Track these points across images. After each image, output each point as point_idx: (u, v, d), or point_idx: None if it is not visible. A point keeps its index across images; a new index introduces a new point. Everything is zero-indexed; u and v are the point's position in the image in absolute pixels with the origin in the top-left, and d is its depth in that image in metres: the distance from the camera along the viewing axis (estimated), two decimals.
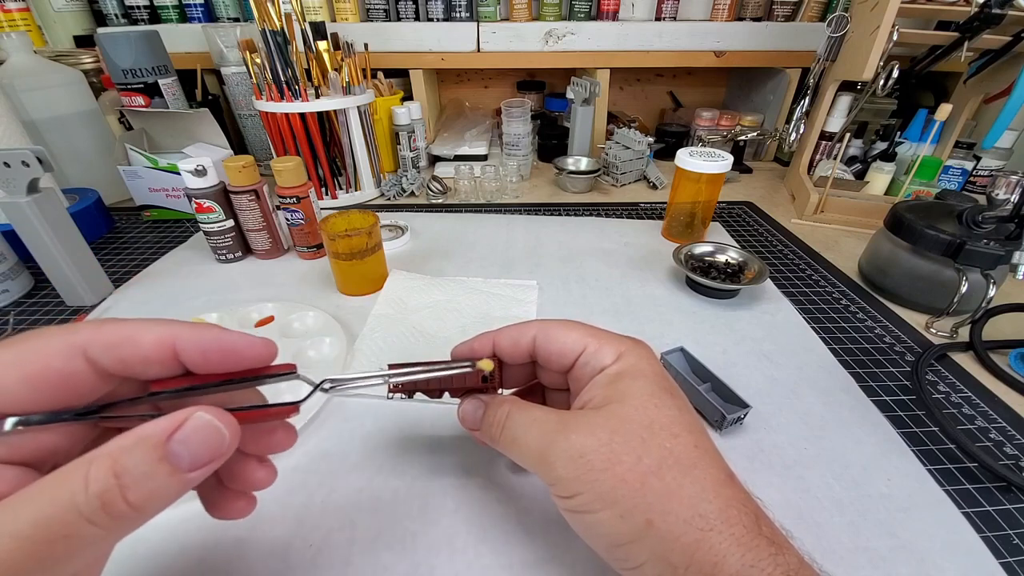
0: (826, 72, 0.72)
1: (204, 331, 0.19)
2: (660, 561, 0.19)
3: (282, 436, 0.23)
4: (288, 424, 0.23)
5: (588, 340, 0.25)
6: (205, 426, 0.17)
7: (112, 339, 0.17)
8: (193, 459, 0.16)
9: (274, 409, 0.21)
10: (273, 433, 0.22)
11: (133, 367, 0.18)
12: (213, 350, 0.19)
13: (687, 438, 0.21)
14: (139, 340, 0.18)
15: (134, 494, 0.15)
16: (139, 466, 0.15)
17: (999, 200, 0.45)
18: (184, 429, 0.16)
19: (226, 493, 0.21)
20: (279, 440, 0.22)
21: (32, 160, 0.42)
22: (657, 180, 0.82)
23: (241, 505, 0.22)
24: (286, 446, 0.23)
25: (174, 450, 0.16)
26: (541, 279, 0.54)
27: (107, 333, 0.17)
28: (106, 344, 0.17)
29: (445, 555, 0.27)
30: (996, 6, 0.57)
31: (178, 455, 0.16)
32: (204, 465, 0.16)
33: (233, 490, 0.21)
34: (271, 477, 0.22)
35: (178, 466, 0.16)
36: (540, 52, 0.87)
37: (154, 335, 0.18)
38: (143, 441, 0.16)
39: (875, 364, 0.43)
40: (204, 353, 0.19)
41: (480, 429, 0.26)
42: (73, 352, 0.17)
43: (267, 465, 0.22)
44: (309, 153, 0.68)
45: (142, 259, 0.59)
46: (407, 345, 0.43)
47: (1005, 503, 0.31)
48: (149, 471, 0.15)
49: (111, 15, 0.85)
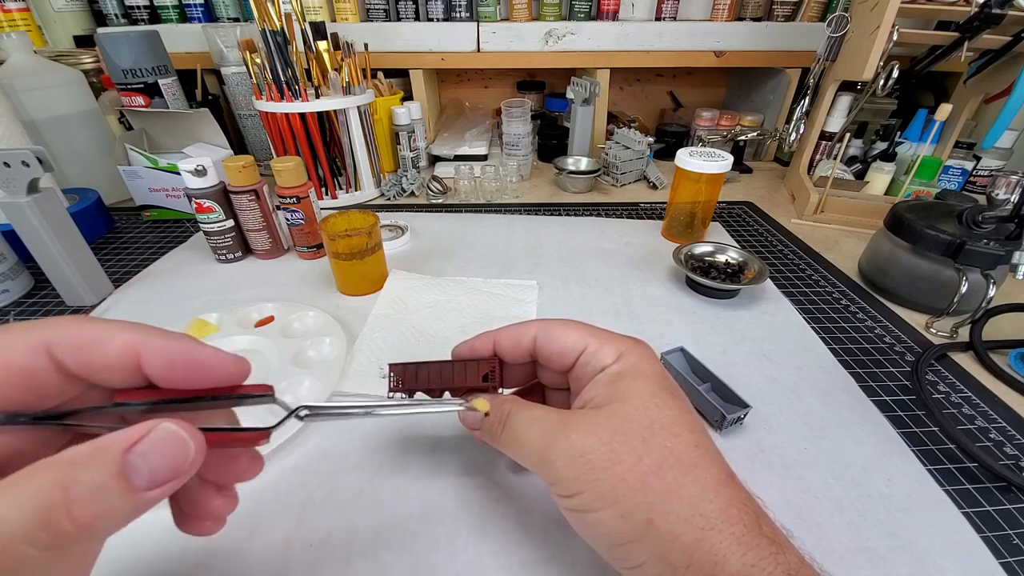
0: (826, 72, 0.72)
1: (174, 342, 0.17)
2: (660, 560, 0.19)
3: (246, 464, 0.21)
4: (254, 451, 0.21)
5: (589, 340, 0.25)
6: (169, 437, 0.15)
7: (79, 340, 0.16)
8: (152, 477, 0.15)
9: (243, 434, 0.19)
10: (236, 460, 0.21)
11: (97, 372, 0.17)
12: (179, 363, 0.17)
13: (688, 438, 0.21)
14: (106, 344, 0.17)
15: (81, 511, 0.13)
16: (94, 478, 0.14)
17: (999, 200, 0.45)
18: (145, 441, 0.15)
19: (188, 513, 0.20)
20: (242, 468, 0.21)
21: (32, 160, 0.42)
22: (657, 180, 0.82)
23: (208, 525, 0.20)
24: (249, 475, 0.21)
25: (133, 462, 0.14)
26: (541, 279, 0.54)
27: (74, 333, 0.16)
28: (72, 345, 0.16)
29: (445, 555, 0.27)
30: (996, 6, 0.57)
31: (137, 469, 0.14)
32: (163, 483, 0.15)
33: (189, 515, 0.20)
34: (230, 506, 0.21)
35: (135, 483, 0.14)
36: (540, 52, 0.87)
37: (120, 340, 0.17)
38: (100, 451, 0.14)
39: (875, 364, 0.43)
40: (169, 366, 0.17)
41: (481, 429, 0.26)
42: (37, 349, 0.16)
43: (227, 494, 0.21)
44: (309, 153, 0.68)
45: (142, 259, 0.59)
46: (407, 345, 0.43)
47: (1005, 503, 0.31)
48: (102, 485, 0.14)
49: (111, 15, 0.85)
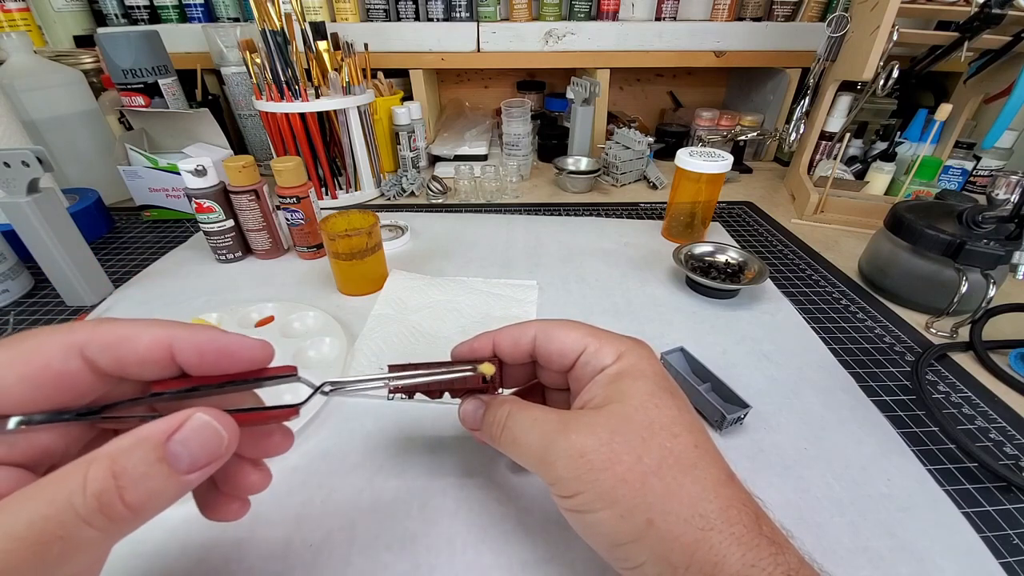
0: (826, 72, 0.72)
1: (200, 332, 0.19)
2: (660, 561, 0.19)
3: (279, 440, 0.22)
4: (285, 427, 0.23)
5: (588, 340, 0.25)
6: (204, 427, 0.17)
7: (109, 339, 0.17)
8: (192, 460, 0.16)
9: (273, 412, 0.21)
10: (270, 437, 0.22)
11: (129, 367, 0.18)
12: (209, 351, 0.19)
13: (687, 438, 0.21)
14: (135, 341, 0.18)
15: (132, 495, 0.15)
16: (138, 467, 0.15)
17: (999, 200, 0.45)
18: (183, 430, 0.16)
19: (220, 495, 0.21)
20: (275, 444, 0.22)
21: (32, 160, 0.42)
22: (657, 180, 0.82)
23: (235, 508, 0.22)
24: (282, 450, 0.22)
25: (173, 451, 0.16)
26: (541, 279, 0.54)
27: (104, 333, 0.18)
28: (103, 344, 0.17)
29: (445, 555, 0.27)
30: (996, 6, 0.57)
31: (177, 456, 0.16)
32: (203, 467, 0.16)
33: (227, 493, 0.21)
34: (265, 481, 0.22)
35: (176, 467, 0.16)
36: (540, 52, 0.87)
37: (150, 336, 0.18)
38: (142, 442, 0.15)
39: (875, 364, 0.43)
40: (200, 354, 0.19)
41: (481, 429, 0.26)
42: (71, 351, 0.17)
43: (262, 469, 0.22)
44: (309, 153, 0.68)
45: (142, 259, 0.59)
46: (407, 345, 0.43)
47: (1005, 503, 0.31)
48: (147, 472, 0.15)
49: (111, 15, 0.85)
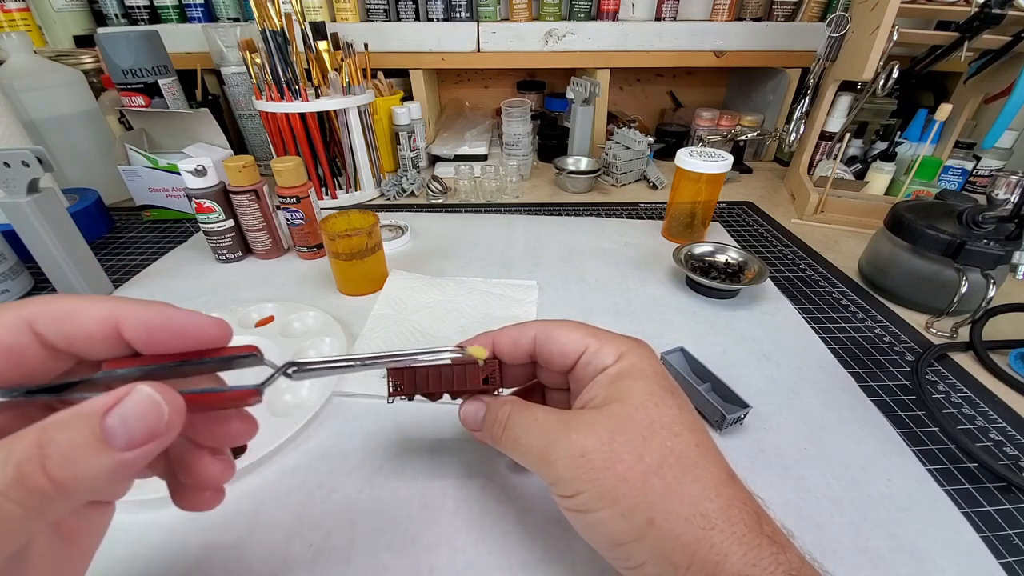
0: (826, 72, 0.72)
1: (149, 308, 0.18)
2: (661, 560, 0.19)
3: (239, 426, 0.21)
4: (246, 413, 0.21)
5: (589, 340, 0.25)
6: (143, 400, 0.15)
7: (58, 313, 0.17)
8: (130, 437, 0.15)
9: (230, 393, 0.19)
10: (228, 422, 0.21)
11: (78, 343, 0.17)
12: (156, 327, 0.18)
13: (688, 437, 0.21)
14: (83, 315, 0.17)
15: (57, 469, 0.14)
16: (67, 439, 0.14)
17: (999, 200, 0.45)
18: (122, 404, 0.15)
19: (185, 486, 0.20)
20: (235, 431, 0.21)
21: (32, 160, 0.42)
22: (657, 180, 0.82)
23: (207, 497, 0.21)
24: (244, 438, 0.21)
25: (108, 424, 0.15)
26: (541, 279, 0.54)
27: (53, 307, 0.17)
28: (52, 318, 0.17)
29: (445, 555, 0.27)
30: (996, 6, 0.57)
31: (112, 430, 0.15)
32: (141, 444, 0.15)
33: (189, 485, 0.20)
34: (227, 472, 0.21)
35: (112, 443, 0.15)
36: (540, 52, 0.87)
37: (97, 310, 0.17)
38: (77, 415, 0.15)
39: (875, 364, 0.43)
40: (147, 331, 0.18)
41: (481, 430, 0.26)
42: (20, 325, 0.17)
43: (223, 459, 0.21)
44: (309, 153, 0.68)
45: (142, 259, 0.59)
46: (407, 345, 0.43)
47: (1005, 503, 0.31)
48: (78, 445, 0.14)
49: (111, 15, 0.85)
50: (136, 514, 0.29)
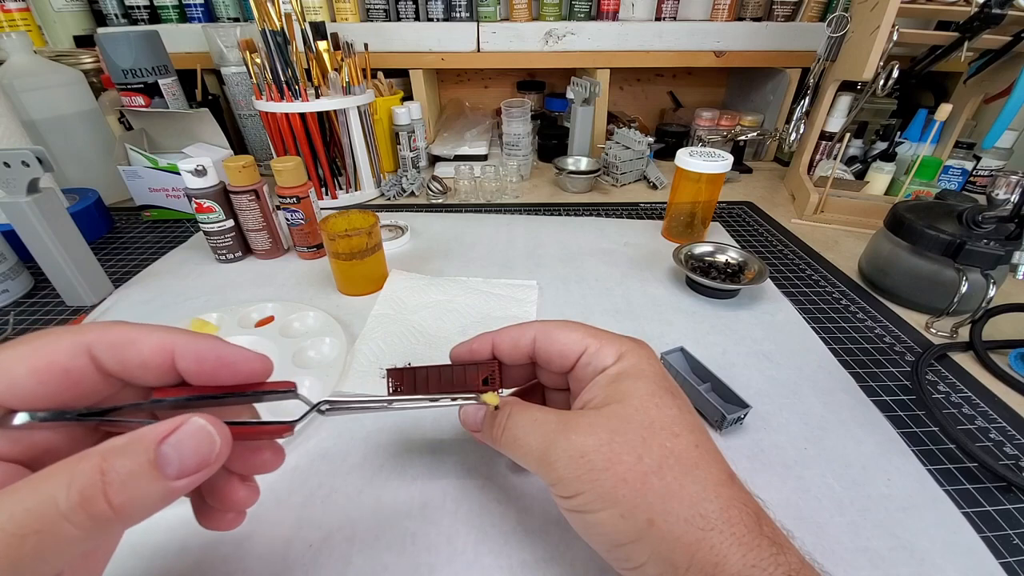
0: (826, 72, 0.72)
1: (202, 341, 0.19)
2: (661, 561, 0.19)
3: (269, 456, 0.22)
4: (276, 445, 0.23)
5: (589, 341, 0.25)
6: (198, 432, 0.16)
7: (115, 340, 0.18)
8: (182, 466, 0.16)
9: (267, 427, 0.21)
10: (260, 452, 0.22)
11: (132, 370, 0.18)
12: (209, 360, 0.19)
13: (688, 438, 0.21)
14: (140, 343, 0.18)
15: (117, 496, 0.14)
16: (126, 467, 0.15)
17: (999, 200, 0.45)
18: (177, 433, 0.16)
19: (211, 507, 0.21)
20: (266, 460, 0.22)
21: (32, 160, 0.42)
22: (657, 180, 0.82)
23: (229, 518, 0.21)
24: (272, 467, 0.22)
25: (164, 452, 0.16)
26: (541, 279, 0.54)
27: (111, 334, 0.18)
28: (109, 344, 0.18)
29: (445, 555, 0.27)
30: (996, 6, 0.57)
31: (168, 459, 0.16)
32: (191, 473, 0.16)
33: (215, 507, 0.21)
34: (253, 498, 0.22)
35: (165, 472, 0.15)
36: (540, 52, 0.87)
37: (155, 340, 0.18)
38: (134, 443, 0.15)
39: (875, 364, 0.43)
40: (199, 362, 0.19)
41: (481, 430, 0.26)
42: (79, 350, 0.17)
43: (250, 485, 0.22)
44: (309, 153, 0.68)
45: (142, 259, 0.59)
46: (407, 345, 0.43)
47: (1005, 503, 0.31)
48: (135, 472, 0.15)
49: (111, 15, 0.85)
50: None
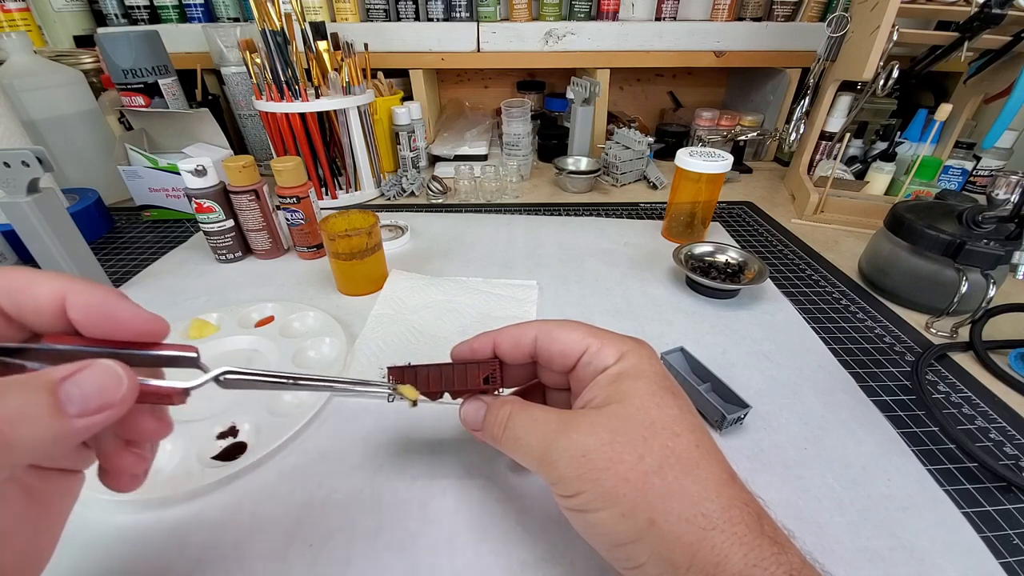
0: (826, 72, 0.72)
1: (95, 291, 0.19)
2: (662, 560, 0.19)
3: (152, 424, 0.21)
4: (163, 413, 0.21)
5: (590, 340, 0.25)
6: (106, 371, 0.16)
7: (11, 285, 0.18)
8: (84, 404, 0.16)
9: (158, 388, 0.19)
10: (143, 417, 0.21)
11: (26, 315, 0.18)
12: (96, 311, 0.18)
13: (689, 437, 0.21)
14: (35, 287, 0.18)
15: (8, 428, 0.14)
16: (25, 398, 0.15)
17: (999, 200, 0.45)
18: (84, 371, 0.16)
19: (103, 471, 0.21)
20: (149, 427, 0.21)
21: (32, 160, 0.42)
22: (657, 180, 0.82)
23: (125, 479, 0.21)
24: (156, 437, 0.21)
25: (67, 389, 0.15)
26: (541, 279, 0.54)
27: (8, 279, 0.18)
28: (6, 289, 0.18)
29: (445, 555, 0.27)
30: (996, 6, 0.57)
31: (70, 395, 0.15)
32: (93, 413, 0.16)
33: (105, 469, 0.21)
34: (141, 465, 0.21)
35: (66, 409, 0.15)
36: (540, 52, 0.87)
37: (49, 286, 0.18)
38: (37, 377, 0.15)
39: (875, 364, 0.43)
40: (87, 313, 0.18)
41: (482, 430, 0.26)
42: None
43: (135, 452, 0.21)
44: (309, 153, 0.68)
45: (142, 259, 0.59)
46: (407, 345, 0.43)
47: (1005, 503, 0.31)
48: (32, 404, 0.15)
49: (111, 15, 0.85)
50: (137, 514, 0.29)
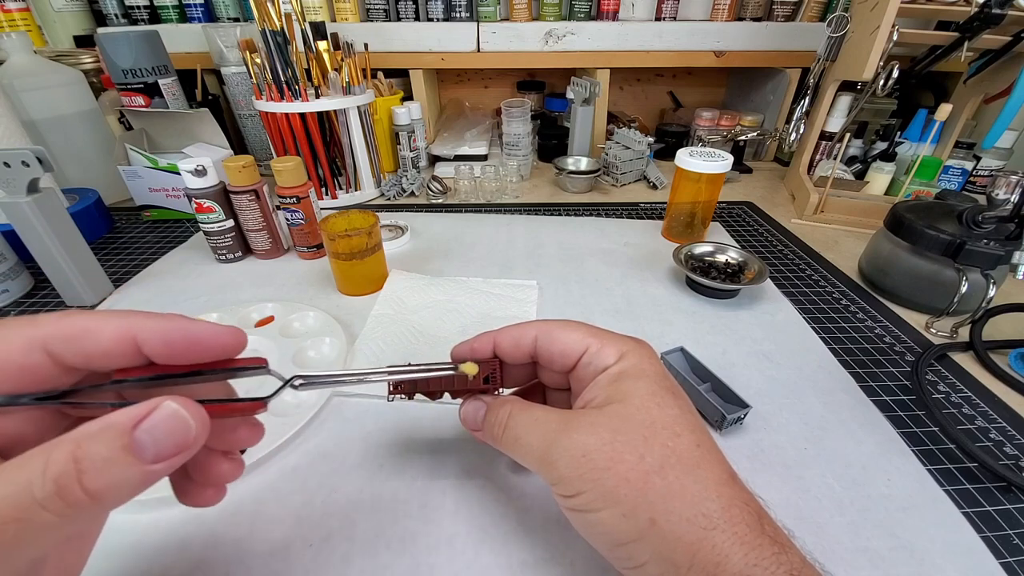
0: (826, 72, 0.72)
1: (166, 321, 0.18)
2: (663, 560, 0.19)
3: (246, 433, 0.22)
4: (254, 420, 0.22)
5: (590, 340, 0.25)
6: (172, 416, 0.16)
7: (71, 332, 0.17)
8: (158, 450, 0.16)
9: (241, 404, 0.20)
10: (237, 430, 0.22)
11: (95, 360, 0.18)
12: (177, 340, 0.18)
13: (689, 437, 0.21)
14: (98, 333, 0.18)
15: (92, 482, 0.14)
16: (100, 453, 0.15)
17: (999, 200, 0.45)
18: (151, 419, 0.16)
19: (192, 483, 0.21)
20: (243, 437, 0.22)
21: (32, 160, 0.42)
22: (657, 180, 0.82)
23: (209, 494, 0.21)
24: (251, 443, 0.22)
25: (139, 439, 0.15)
26: (541, 279, 0.54)
27: (66, 326, 0.17)
28: (66, 337, 0.17)
29: (445, 555, 0.27)
30: (996, 6, 0.57)
31: (142, 445, 0.15)
32: (168, 457, 0.16)
33: (198, 482, 0.21)
34: (237, 471, 0.22)
35: (141, 456, 0.15)
36: (540, 52, 0.87)
37: (113, 327, 0.18)
38: (108, 428, 0.15)
39: (875, 364, 0.43)
40: (167, 343, 0.18)
41: (482, 430, 0.26)
42: (32, 346, 0.17)
43: (233, 459, 0.22)
44: (309, 153, 0.68)
45: (142, 259, 0.59)
46: (407, 345, 0.43)
47: (1005, 503, 0.31)
48: (110, 459, 0.15)
49: (111, 15, 0.85)
50: (137, 514, 0.29)
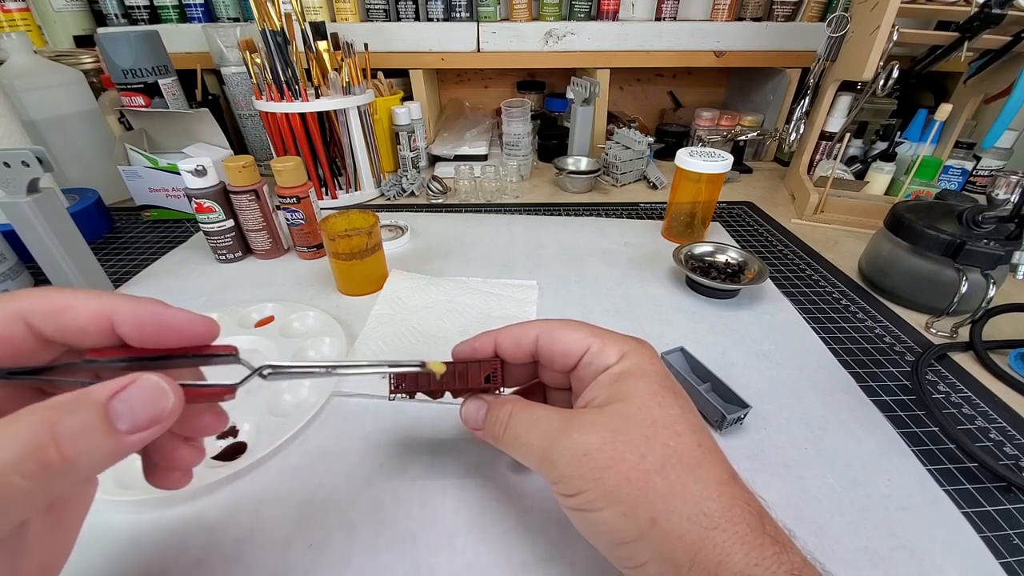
0: (826, 72, 0.72)
1: (142, 304, 0.19)
2: (663, 560, 0.19)
3: (210, 419, 0.22)
4: (219, 408, 0.23)
5: (591, 340, 0.25)
6: (151, 387, 0.17)
7: (52, 307, 0.18)
8: (134, 421, 0.16)
9: (209, 389, 0.20)
10: (201, 415, 0.22)
11: (70, 335, 0.18)
12: (149, 323, 0.19)
13: (690, 437, 0.21)
14: (76, 309, 0.18)
15: (67, 448, 0.15)
16: (76, 420, 0.15)
17: (999, 200, 0.45)
18: (128, 390, 0.16)
19: (157, 466, 0.21)
20: (206, 423, 0.22)
21: (32, 160, 0.42)
22: (657, 180, 0.82)
23: (175, 476, 0.22)
24: (213, 431, 0.22)
25: (115, 408, 0.16)
26: (541, 279, 0.54)
27: (48, 301, 0.18)
28: (46, 312, 0.18)
29: (445, 555, 0.27)
30: (996, 6, 0.57)
31: (120, 414, 0.16)
32: (143, 429, 0.16)
33: (161, 466, 0.21)
34: (197, 457, 0.22)
35: (118, 427, 0.16)
36: (540, 52, 0.87)
37: (91, 306, 0.18)
38: (84, 397, 0.16)
39: (875, 364, 0.43)
40: (140, 326, 0.19)
41: (483, 429, 0.26)
42: (13, 317, 0.18)
43: (194, 445, 0.22)
44: (309, 153, 0.68)
45: (142, 259, 0.59)
46: (407, 345, 0.43)
47: (1005, 503, 0.31)
48: (87, 426, 0.15)
49: (111, 15, 0.85)
50: (137, 514, 0.29)
